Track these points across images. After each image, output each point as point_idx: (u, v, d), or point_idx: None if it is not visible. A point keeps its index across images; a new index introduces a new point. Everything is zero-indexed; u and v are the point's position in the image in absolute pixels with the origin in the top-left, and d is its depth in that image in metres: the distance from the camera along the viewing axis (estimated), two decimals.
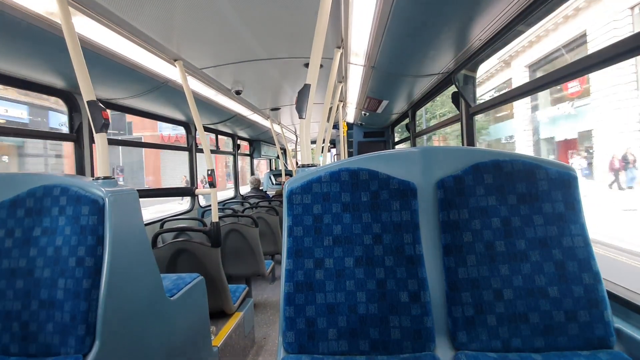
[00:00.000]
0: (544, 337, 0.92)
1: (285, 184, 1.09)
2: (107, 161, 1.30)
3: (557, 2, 1.30)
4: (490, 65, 16.11)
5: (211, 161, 2.26)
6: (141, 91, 2.34)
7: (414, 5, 1.40)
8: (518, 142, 15.04)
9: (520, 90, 1.54)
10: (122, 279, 1.17)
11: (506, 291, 0.95)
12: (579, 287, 0.93)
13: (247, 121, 4.34)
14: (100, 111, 1.26)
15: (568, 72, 1.18)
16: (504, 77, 16.07)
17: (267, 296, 3.58)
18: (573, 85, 11.66)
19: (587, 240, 0.96)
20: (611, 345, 0.90)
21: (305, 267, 1.00)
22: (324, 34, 1.32)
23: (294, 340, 0.96)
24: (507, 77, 15.58)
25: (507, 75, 15.57)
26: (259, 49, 2.06)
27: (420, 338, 0.95)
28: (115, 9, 1.40)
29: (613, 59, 0.97)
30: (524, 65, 14.01)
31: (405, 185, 1.04)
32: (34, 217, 1.15)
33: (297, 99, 1.31)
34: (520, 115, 14.84)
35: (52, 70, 1.78)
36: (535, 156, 1.04)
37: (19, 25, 1.31)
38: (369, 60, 2.20)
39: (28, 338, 1.05)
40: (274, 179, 8.13)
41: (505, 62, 15.30)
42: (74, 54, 1.24)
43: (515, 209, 0.99)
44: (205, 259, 2.09)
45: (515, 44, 13.36)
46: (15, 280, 1.09)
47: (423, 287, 0.98)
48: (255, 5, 1.51)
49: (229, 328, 2.11)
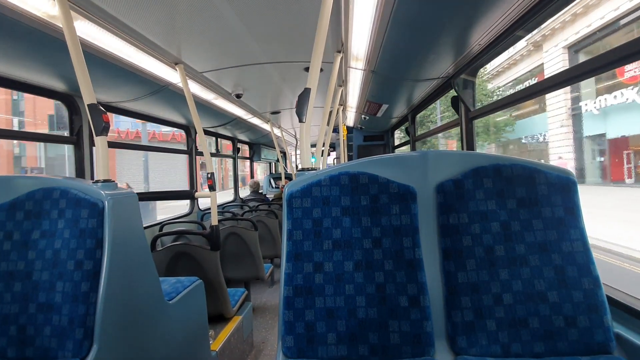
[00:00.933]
0: (544, 342, 0.91)
1: (285, 188, 1.09)
2: (108, 164, 1.30)
3: (556, 7, 1.31)
4: (515, 51, 13.55)
5: (211, 164, 2.26)
6: (142, 94, 2.34)
7: (413, 10, 1.41)
8: (553, 141, 12.22)
9: (522, 94, 1.54)
10: (121, 283, 1.16)
11: (506, 296, 0.94)
12: (578, 292, 0.93)
13: (247, 124, 4.35)
14: (100, 114, 1.27)
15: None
16: (529, 64, 13.34)
17: (266, 300, 3.56)
18: (631, 69, 9.10)
19: (587, 245, 0.96)
20: (611, 351, 0.90)
21: (304, 271, 0.99)
22: (324, 38, 1.33)
23: (293, 344, 0.96)
24: (535, 64, 12.92)
25: (535, 62, 12.90)
26: (259, 52, 2.07)
27: (419, 343, 0.94)
28: (117, 13, 1.41)
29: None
30: (562, 46, 11.23)
31: (405, 189, 1.04)
32: (32, 219, 1.15)
33: (297, 102, 1.31)
34: (556, 108, 12.00)
35: (53, 73, 1.79)
36: (534, 161, 1.04)
37: (20, 28, 1.32)
38: (369, 64, 2.21)
39: (25, 342, 1.04)
40: (274, 182, 8.13)
41: (536, 44, 12.56)
42: (75, 57, 1.25)
43: (514, 214, 0.99)
44: (205, 262, 2.09)
45: (552, 22, 10.70)
46: (14, 284, 1.09)
47: (422, 291, 0.97)
48: (256, 10, 1.52)
49: (227, 332, 2.10)
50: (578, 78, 1.19)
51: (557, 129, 12.02)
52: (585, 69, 1.13)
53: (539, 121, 13.81)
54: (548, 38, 11.73)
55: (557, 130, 12.02)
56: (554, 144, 12.25)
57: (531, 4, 1.32)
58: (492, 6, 1.34)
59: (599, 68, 1.08)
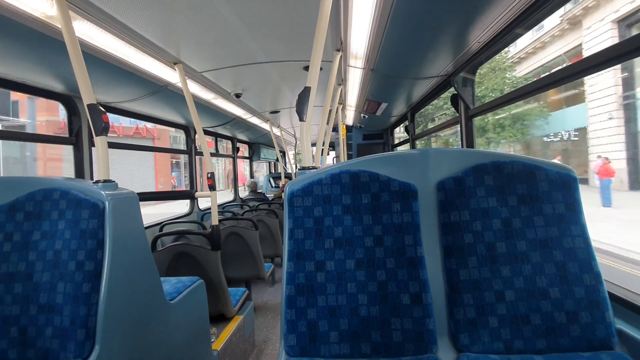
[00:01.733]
0: (546, 339, 0.91)
1: (285, 187, 1.09)
2: (108, 164, 1.30)
3: (555, 5, 1.31)
4: (543, 32, 11.26)
5: (211, 164, 2.26)
6: (141, 94, 2.34)
7: (413, 9, 1.41)
8: (596, 138, 9.54)
9: (522, 92, 1.54)
10: (122, 283, 1.16)
11: (507, 292, 0.95)
12: (580, 288, 0.93)
13: (247, 124, 4.34)
14: (100, 114, 1.26)
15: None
16: (560, 46, 10.83)
17: (267, 299, 3.57)
18: None
19: (588, 241, 0.96)
20: (613, 347, 0.90)
21: (306, 269, 1.00)
22: (323, 37, 1.33)
23: (295, 343, 0.96)
24: (569, 46, 10.50)
25: (569, 43, 10.50)
26: (258, 52, 2.07)
27: (422, 340, 0.94)
28: (115, 13, 1.40)
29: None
30: (610, 20, 8.86)
31: (406, 187, 1.04)
32: (33, 220, 1.14)
33: (297, 101, 1.31)
34: (601, 97, 9.34)
35: (52, 74, 1.78)
36: (534, 157, 1.04)
37: (19, 29, 1.32)
38: (368, 63, 2.21)
39: (27, 343, 1.04)
40: (273, 182, 8.12)
41: (573, 20, 9.94)
42: (74, 58, 1.25)
43: (515, 210, 0.99)
44: (205, 262, 2.09)
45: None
46: (14, 285, 1.09)
47: (424, 289, 0.97)
48: (255, 9, 1.52)
49: (229, 332, 2.10)
50: (585, 72, 1.15)
51: (602, 122, 9.38)
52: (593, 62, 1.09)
53: (566, 116, 11.26)
54: (591, 12, 9.33)
55: (603, 124, 9.40)
56: (597, 141, 9.57)
57: (530, 2, 1.32)
58: (491, 4, 1.34)
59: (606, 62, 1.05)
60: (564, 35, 10.99)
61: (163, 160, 17.91)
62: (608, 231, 6.11)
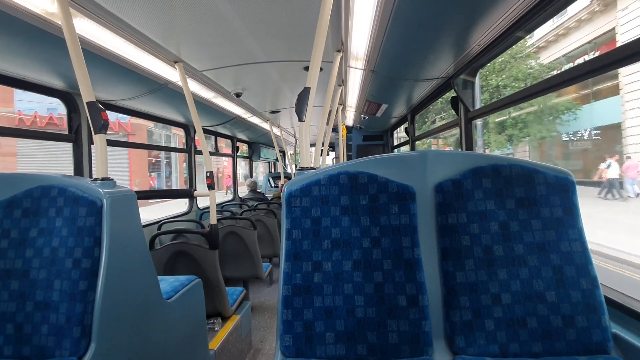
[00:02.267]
0: (542, 342, 0.91)
1: (284, 187, 1.09)
2: (106, 162, 1.29)
3: (557, 7, 1.31)
4: (568, 16, 9.91)
5: (210, 163, 2.26)
6: (141, 93, 2.34)
7: (414, 10, 1.41)
8: (633, 135, 7.95)
9: (523, 94, 1.54)
10: (119, 281, 1.16)
11: (504, 296, 0.95)
12: (576, 292, 0.93)
13: (247, 124, 4.34)
14: (99, 112, 1.26)
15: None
16: (588, 32, 9.49)
17: (264, 299, 3.56)
18: None
19: (585, 245, 0.96)
20: (608, 351, 0.90)
21: (303, 270, 0.99)
22: (324, 37, 1.33)
23: (291, 343, 0.96)
24: (599, 31, 9.16)
25: (599, 28, 9.13)
26: (259, 51, 2.07)
27: (418, 342, 0.94)
28: (116, 10, 1.40)
29: None
30: None
31: (404, 189, 1.04)
32: (30, 217, 1.14)
33: (297, 101, 1.31)
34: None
35: (51, 71, 1.78)
36: (533, 161, 1.04)
37: (19, 25, 1.31)
38: (368, 64, 2.21)
39: (22, 340, 1.04)
40: (273, 182, 8.11)
41: (604, 1, 8.55)
42: (74, 55, 1.24)
43: (513, 214, 0.99)
44: (203, 261, 2.08)
45: None
46: (11, 282, 1.08)
47: (421, 291, 0.97)
48: (256, 9, 1.52)
49: (225, 331, 2.10)
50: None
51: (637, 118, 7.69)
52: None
53: (587, 112, 9.83)
54: None
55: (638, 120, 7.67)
56: (633, 139, 8.06)
57: (531, 5, 1.32)
58: (492, 7, 1.35)
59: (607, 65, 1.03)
60: (593, 20, 9.58)
61: (139, 159, 14.91)
62: None
